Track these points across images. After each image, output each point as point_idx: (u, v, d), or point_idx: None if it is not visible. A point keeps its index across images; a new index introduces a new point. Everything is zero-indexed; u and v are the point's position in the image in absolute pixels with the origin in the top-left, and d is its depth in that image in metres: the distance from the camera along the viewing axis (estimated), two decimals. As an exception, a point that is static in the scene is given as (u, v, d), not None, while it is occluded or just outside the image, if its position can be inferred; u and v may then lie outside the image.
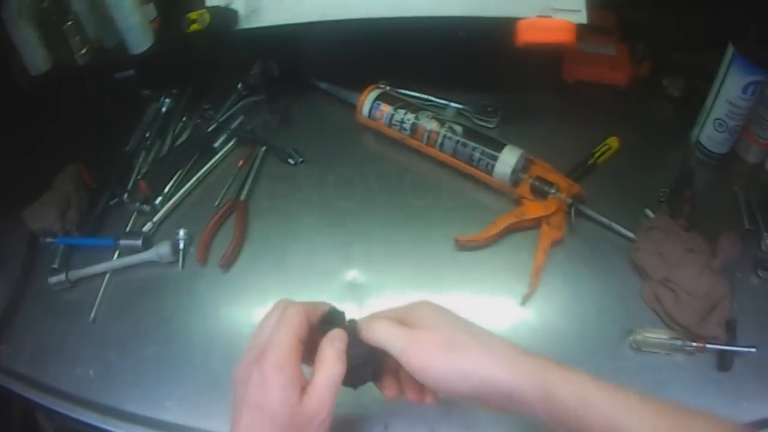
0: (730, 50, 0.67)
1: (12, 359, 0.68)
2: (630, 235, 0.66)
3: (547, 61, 0.80)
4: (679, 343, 0.59)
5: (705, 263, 0.62)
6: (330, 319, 0.48)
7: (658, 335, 0.59)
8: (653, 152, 0.75)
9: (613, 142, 0.74)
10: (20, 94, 0.85)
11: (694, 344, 0.58)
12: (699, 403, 0.56)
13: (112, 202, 0.78)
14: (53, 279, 0.72)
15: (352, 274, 0.68)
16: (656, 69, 0.80)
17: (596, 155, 0.72)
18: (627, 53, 0.79)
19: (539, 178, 0.68)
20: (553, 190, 0.67)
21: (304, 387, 0.43)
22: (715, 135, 0.72)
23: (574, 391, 0.42)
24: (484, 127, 0.78)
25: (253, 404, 0.42)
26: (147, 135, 0.83)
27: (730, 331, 0.59)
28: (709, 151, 0.73)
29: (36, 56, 0.80)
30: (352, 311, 0.65)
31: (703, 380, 0.57)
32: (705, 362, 0.58)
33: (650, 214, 0.68)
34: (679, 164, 0.72)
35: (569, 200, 0.67)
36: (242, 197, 0.75)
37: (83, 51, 0.79)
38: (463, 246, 0.67)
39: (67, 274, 0.72)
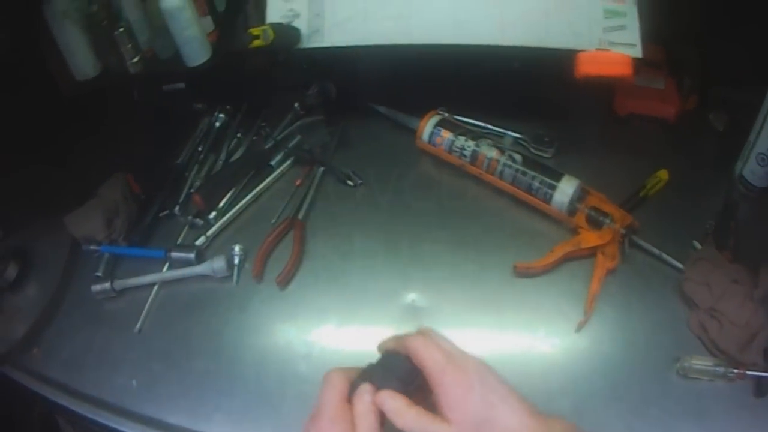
0: (775, 87, 0.72)
1: (44, 364, 0.70)
2: (678, 265, 0.70)
3: (597, 93, 0.84)
4: (722, 370, 0.62)
5: (747, 294, 0.66)
6: (366, 376, 0.51)
7: (703, 362, 0.63)
8: (699, 184, 0.80)
9: (663, 174, 0.78)
10: (63, 100, 0.86)
11: (736, 371, 0.62)
12: (735, 427, 0.60)
13: (162, 214, 0.81)
14: (96, 287, 0.74)
15: (410, 297, 0.72)
16: (702, 103, 0.84)
17: (648, 187, 0.77)
18: (675, 87, 0.84)
19: (595, 209, 0.73)
20: (608, 221, 0.72)
21: None
22: (757, 169, 0.77)
23: None
24: (541, 156, 0.82)
25: None
26: (200, 149, 0.86)
27: (768, 359, 0.64)
28: (751, 184, 0.78)
29: (83, 61, 0.82)
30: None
31: (740, 406, 0.61)
32: (743, 389, 0.62)
33: (698, 245, 0.73)
34: (723, 197, 0.77)
35: (623, 231, 0.71)
36: (300, 216, 0.78)
37: (135, 59, 0.81)
38: (521, 273, 0.72)
39: (112, 283, 0.74)
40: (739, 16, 0.81)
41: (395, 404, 0.49)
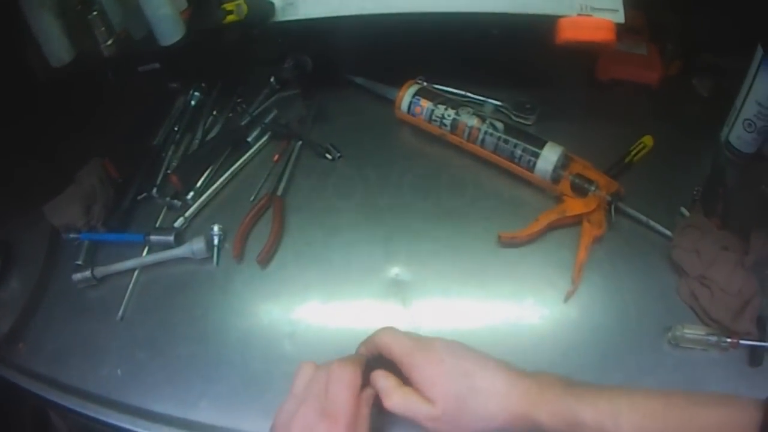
0: (760, 52, 0.70)
1: (30, 358, 0.68)
2: (667, 232, 0.69)
3: (579, 59, 0.83)
4: (714, 339, 0.62)
5: (738, 261, 0.65)
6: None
7: (695, 331, 0.62)
8: (685, 151, 0.79)
9: (648, 140, 0.77)
10: (38, 86, 0.84)
11: (729, 340, 0.61)
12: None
13: (139, 197, 0.79)
14: (77, 276, 0.72)
15: (394, 271, 0.70)
16: (685, 69, 0.84)
17: (632, 153, 0.76)
18: (658, 53, 0.83)
19: (579, 176, 0.71)
20: (593, 188, 0.70)
21: None
22: (744, 135, 0.76)
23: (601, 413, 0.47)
24: (522, 123, 0.81)
25: None
26: (176, 128, 0.84)
27: (761, 328, 0.62)
28: (738, 150, 0.77)
29: (58, 46, 0.80)
30: (395, 309, 0.68)
31: (735, 375, 0.61)
32: (737, 358, 0.61)
33: (686, 212, 0.72)
34: (710, 163, 0.76)
35: (609, 198, 0.70)
36: (279, 192, 0.76)
37: (109, 42, 0.80)
38: (506, 242, 0.70)
39: (92, 271, 0.72)
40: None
41: (386, 383, 0.51)
